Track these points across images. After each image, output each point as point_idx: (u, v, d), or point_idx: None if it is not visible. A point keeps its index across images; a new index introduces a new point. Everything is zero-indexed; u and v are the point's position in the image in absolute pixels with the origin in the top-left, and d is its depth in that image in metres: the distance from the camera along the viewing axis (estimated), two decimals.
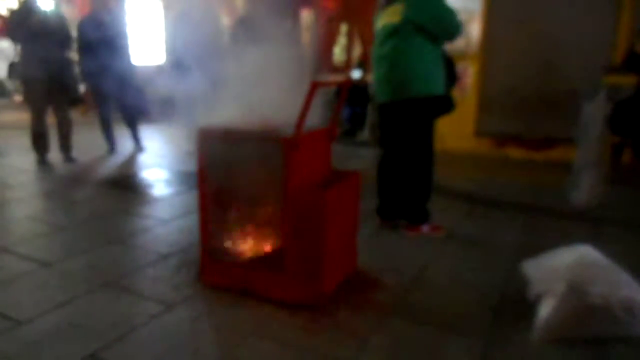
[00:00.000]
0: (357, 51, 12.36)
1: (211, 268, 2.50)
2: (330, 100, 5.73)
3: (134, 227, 3.39)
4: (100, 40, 5.25)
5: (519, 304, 2.37)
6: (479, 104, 6.25)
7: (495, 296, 2.49)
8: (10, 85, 9.70)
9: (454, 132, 6.23)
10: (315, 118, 2.30)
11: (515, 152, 5.95)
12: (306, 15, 14.28)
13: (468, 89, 6.21)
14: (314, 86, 2.08)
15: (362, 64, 7.45)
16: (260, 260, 2.37)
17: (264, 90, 2.30)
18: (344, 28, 7.85)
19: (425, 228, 3.32)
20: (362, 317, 2.27)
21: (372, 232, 3.33)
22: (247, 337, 2.09)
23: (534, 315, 2.20)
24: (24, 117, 5.24)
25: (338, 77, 2.77)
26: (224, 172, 2.36)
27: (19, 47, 4.93)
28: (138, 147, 5.83)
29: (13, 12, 4.93)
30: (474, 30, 6.17)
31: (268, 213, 2.35)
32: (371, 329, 2.17)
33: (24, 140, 5.23)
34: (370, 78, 7.45)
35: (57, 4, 5.16)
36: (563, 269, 2.15)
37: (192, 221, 3.39)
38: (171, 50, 5.51)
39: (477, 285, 2.61)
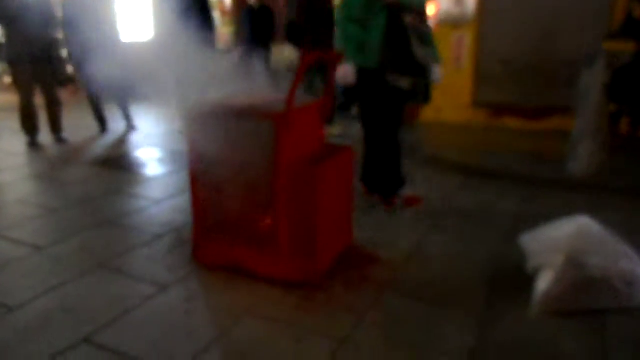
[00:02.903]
0: None
1: (204, 247, 2.47)
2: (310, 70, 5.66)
3: (126, 208, 3.35)
4: (85, 19, 5.11)
5: (515, 277, 2.35)
6: (475, 74, 6.15)
7: (492, 269, 2.46)
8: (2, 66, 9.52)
9: (450, 103, 6.15)
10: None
11: (512, 122, 5.89)
12: None
13: (464, 59, 6.10)
14: (306, 59, 2.01)
15: None
16: (253, 238, 2.33)
17: None
18: None
19: (398, 200, 3.27)
20: (358, 293, 2.25)
21: (367, 206, 3.29)
22: (242, 317, 2.07)
23: (531, 288, 2.18)
24: (13, 98, 5.13)
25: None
26: (214, 150, 2.30)
27: (2, 29, 4.79)
28: (129, 127, 5.74)
29: None
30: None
31: (260, 190, 2.30)
32: (366, 305, 2.15)
33: (14, 123, 5.14)
34: None
35: None
36: (561, 241, 2.12)
37: (186, 200, 3.34)
38: (158, 26, 5.34)
39: (473, 258, 2.58)
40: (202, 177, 2.36)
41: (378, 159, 3.17)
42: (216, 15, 11.70)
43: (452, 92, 6.17)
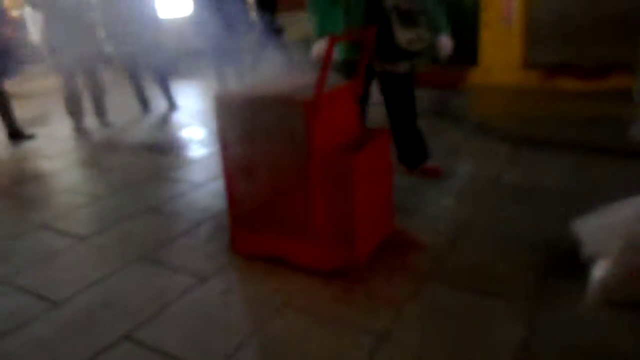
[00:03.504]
0: None
1: (241, 237, 2.44)
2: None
3: (168, 193, 3.37)
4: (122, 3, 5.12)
5: (570, 262, 2.18)
6: (526, 32, 5.74)
7: (543, 254, 2.31)
8: (45, 50, 9.76)
9: (499, 64, 5.81)
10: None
11: (567, 84, 5.48)
12: None
13: (513, 17, 5.70)
14: (332, 41, 1.88)
15: None
16: (290, 228, 2.27)
17: None
18: None
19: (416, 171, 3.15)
20: (398, 283, 2.16)
21: (409, 186, 3.16)
22: (279, 310, 2.03)
23: (586, 276, 2.01)
24: (59, 82, 5.23)
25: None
26: (246, 138, 2.23)
27: (43, 15, 4.86)
28: (171, 106, 5.77)
29: None
30: None
31: (296, 179, 2.22)
32: (407, 297, 2.06)
33: (61, 107, 5.26)
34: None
35: None
36: (619, 225, 1.93)
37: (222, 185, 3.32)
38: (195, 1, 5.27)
39: (523, 242, 2.43)
40: (235, 166, 2.30)
41: (398, 133, 3.04)
42: None
43: (501, 53, 5.81)
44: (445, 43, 2.70)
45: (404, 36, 2.52)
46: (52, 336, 1.97)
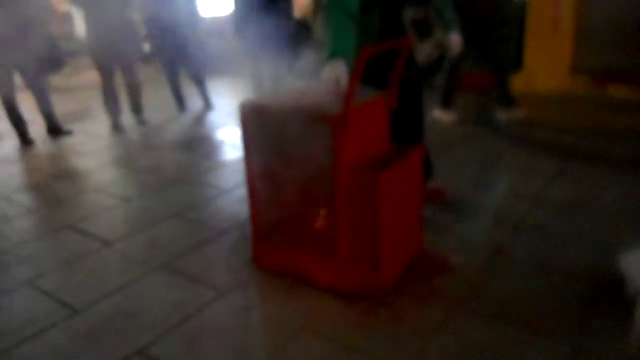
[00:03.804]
0: None
1: (263, 251, 2.35)
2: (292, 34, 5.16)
3: (196, 198, 3.32)
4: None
5: (614, 297, 2.00)
6: (576, 35, 5.44)
7: (587, 285, 2.12)
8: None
9: (545, 68, 5.53)
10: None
11: (619, 92, 5.16)
12: None
13: (562, 18, 5.41)
14: (365, 53, 1.76)
15: None
16: (313, 246, 2.17)
17: None
18: None
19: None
20: (425, 310, 2.03)
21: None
22: (297, 334, 1.93)
23: (631, 313, 1.83)
24: (97, 77, 5.28)
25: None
26: (270, 150, 2.14)
27: (83, 11, 4.92)
28: (207, 105, 5.77)
29: None
30: None
31: (321, 195, 2.12)
32: (435, 327, 1.93)
33: (98, 103, 5.31)
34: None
35: None
36: None
37: None
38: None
39: (565, 270, 2.25)
40: (259, 178, 2.21)
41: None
42: None
43: (547, 56, 5.53)
44: (456, 41, 2.53)
45: (422, 51, 2.38)
46: (68, 346, 1.94)
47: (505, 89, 4.60)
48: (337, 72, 2.02)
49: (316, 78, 2.30)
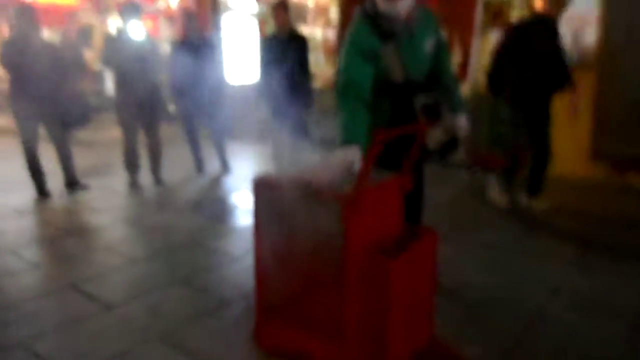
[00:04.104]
0: (456, 58, 11.70)
1: (266, 329, 2.26)
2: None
3: (203, 264, 3.27)
4: (194, 63, 5.31)
5: None
6: (595, 121, 5.44)
7: None
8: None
9: (564, 153, 5.48)
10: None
11: (639, 180, 5.09)
12: None
13: (582, 104, 5.45)
14: (379, 136, 1.75)
15: None
16: (318, 328, 2.07)
17: None
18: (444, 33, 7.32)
19: None
20: None
21: (454, 283, 2.90)
22: None
23: None
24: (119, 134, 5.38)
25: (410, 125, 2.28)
26: (281, 226, 2.10)
27: (112, 72, 5.10)
28: (225, 168, 5.82)
29: (108, 39, 5.12)
30: (588, 36, 5.39)
31: (329, 275, 2.05)
32: None
33: (120, 159, 5.39)
34: (466, 89, 6.88)
35: (149, 33, 5.24)
36: None
37: None
38: (258, 71, 5.39)
39: None
40: (267, 253, 2.16)
41: None
42: (320, 54, 11.93)
43: (566, 141, 5.50)
44: (463, 123, 2.52)
45: (432, 136, 2.39)
46: None
47: (542, 177, 4.40)
48: (350, 157, 2.01)
49: (333, 147, 2.29)
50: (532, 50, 4.02)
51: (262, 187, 2.10)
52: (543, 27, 4.05)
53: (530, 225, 3.98)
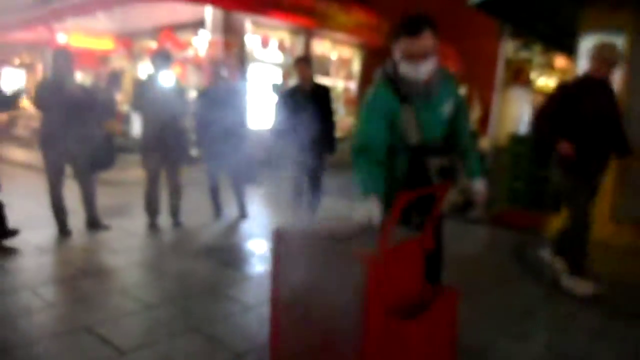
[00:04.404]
0: (475, 113, 11.83)
1: None
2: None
3: (217, 312, 3.23)
4: (220, 110, 5.45)
5: None
6: (618, 183, 5.39)
7: None
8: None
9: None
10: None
11: None
12: None
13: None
14: (403, 198, 1.76)
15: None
16: None
17: None
18: (463, 91, 7.47)
19: None
20: None
21: (476, 346, 2.82)
22: None
23: None
24: (141, 173, 5.47)
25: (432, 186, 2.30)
26: (301, 278, 2.09)
27: (141, 116, 5.26)
28: (242, 214, 5.84)
29: (138, 85, 5.31)
30: None
31: (347, 333, 2.02)
32: None
33: (139, 199, 5.46)
34: (486, 144, 6.92)
35: (178, 79, 5.42)
36: None
37: None
38: (279, 118, 5.49)
39: None
40: (284, 306, 2.14)
41: None
42: (340, 105, 12.14)
43: None
44: (481, 189, 2.52)
45: (446, 198, 2.38)
46: None
47: (581, 253, 3.88)
48: (370, 209, 2.05)
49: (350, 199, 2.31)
50: (585, 113, 3.67)
51: (283, 239, 2.11)
52: (595, 88, 3.73)
53: (551, 286, 3.89)
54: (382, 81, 2.37)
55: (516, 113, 11.28)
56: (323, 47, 11.87)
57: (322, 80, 8.85)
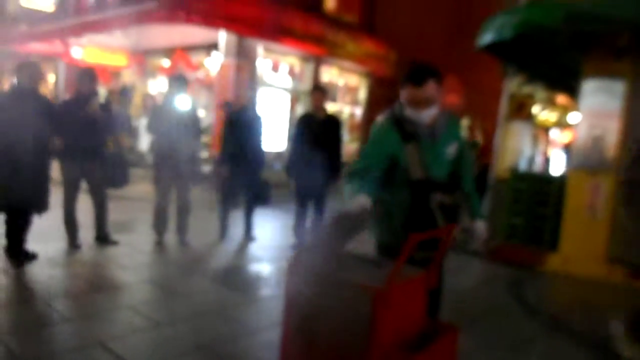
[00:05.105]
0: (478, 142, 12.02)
1: None
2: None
3: (220, 334, 3.35)
4: (241, 134, 5.65)
5: None
6: (612, 225, 5.56)
7: None
8: (149, 158, 10.80)
9: (581, 254, 5.58)
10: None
11: None
12: None
13: (601, 209, 5.58)
14: (413, 240, 1.92)
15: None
16: None
17: None
18: (466, 122, 7.68)
19: None
20: None
21: None
22: None
23: None
24: (148, 189, 5.61)
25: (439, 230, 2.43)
26: (311, 309, 2.23)
27: (155, 137, 5.44)
28: (249, 236, 5.96)
29: (155, 109, 5.50)
30: (609, 136, 5.56)
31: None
32: None
33: (147, 215, 5.60)
34: (490, 175, 7.09)
35: (194, 103, 5.62)
36: None
37: (277, 336, 3.27)
38: (294, 145, 5.66)
39: None
40: (295, 335, 2.27)
41: None
42: (345, 130, 12.36)
43: (584, 243, 5.61)
44: (482, 229, 2.67)
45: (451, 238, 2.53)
46: None
47: None
48: (362, 202, 2.27)
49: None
50: None
51: (297, 269, 2.25)
52: None
53: (547, 323, 4.02)
54: (389, 120, 2.54)
55: (517, 147, 11.52)
56: (331, 74, 12.16)
57: (329, 106, 9.08)
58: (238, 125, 5.70)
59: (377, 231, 2.64)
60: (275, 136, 10.70)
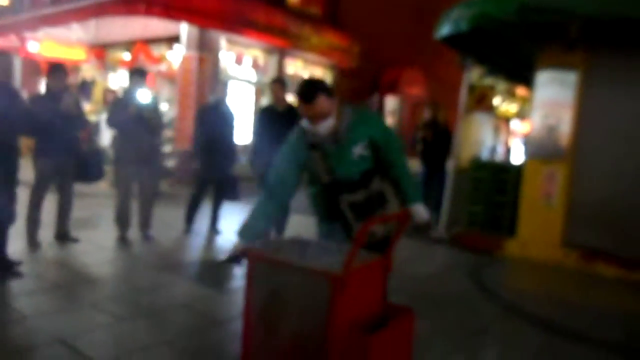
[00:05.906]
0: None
1: None
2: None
3: (185, 326, 3.35)
4: (216, 127, 5.63)
5: None
6: (567, 212, 5.79)
7: None
8: (110, 154, 10.58)
9: (538, 239, 5.80)
10: None
11: (607, 270, 5.36)
12: (391, 101, 14.55)
13: (555, 196, 5.80)
14: (367, 225, 1.98)
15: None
16: None
17: None
18: (427, 113, 7.80)
19: None
20: None
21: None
22: None
23: None
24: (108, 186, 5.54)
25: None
26: (271, 298, 2.28)
27: (116, 132, 5.36)
28: (214, 230, 5.95)
29: (115, 103, 5.41)
30: (563, 126, 5.77)
31: (314, 348, 2.21)
32: None
33: (108, 211, 5.51)
34: (451, 165, 7.25)
35: (155, 97, 5.56)
36: None
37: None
38: (257, 137, 5.67)
39: None
40: (256, 325, 2.31)
41: None
42: None
43: (540, 229, 5.83)
44: (420, 211, 2.72)
45: (374, 231, 2.56)
46: None
47: None
48: (238, 248, 2.51)
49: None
50: None
51: (257, 260, 2.29)
52: None
53: (501, 306, 4.18)
54: (297, 132, 2.70)
55: (478, 137, 11.80)
56: (296, 66, 12.14)
57: (293, 98, 9.09)
58: (210, 119, 5.68)
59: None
60: (240, 129, 10.63)
